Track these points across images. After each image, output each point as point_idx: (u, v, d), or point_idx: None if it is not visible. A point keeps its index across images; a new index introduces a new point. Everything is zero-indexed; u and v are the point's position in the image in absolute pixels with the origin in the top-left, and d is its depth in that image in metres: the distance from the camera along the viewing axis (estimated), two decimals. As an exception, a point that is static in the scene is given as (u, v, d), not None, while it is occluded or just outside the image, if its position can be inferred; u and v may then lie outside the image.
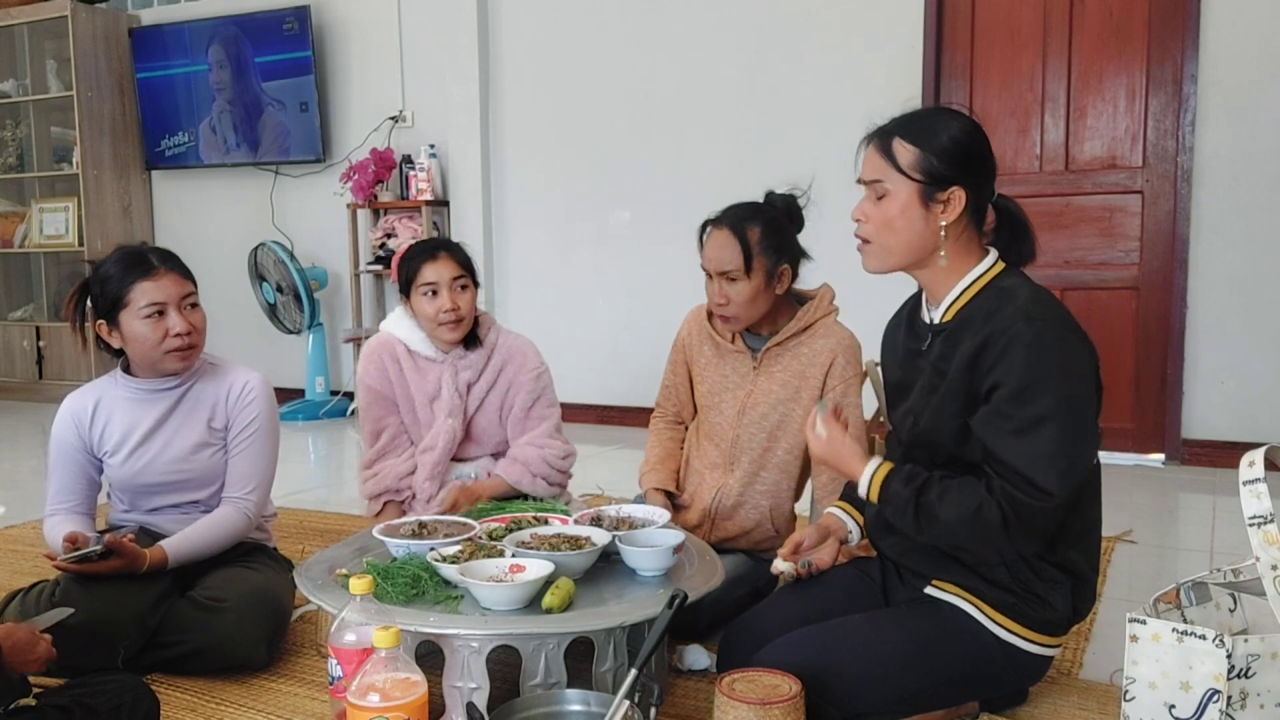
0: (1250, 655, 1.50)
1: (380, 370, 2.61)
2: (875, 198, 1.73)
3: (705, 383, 2.43)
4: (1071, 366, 1.61)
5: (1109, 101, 4.14)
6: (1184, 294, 4.03)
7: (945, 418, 1.70)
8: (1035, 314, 1.62)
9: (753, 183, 2.45)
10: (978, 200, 1.71)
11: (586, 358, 5.06)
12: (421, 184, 5.32)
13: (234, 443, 2.28)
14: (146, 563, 2.08)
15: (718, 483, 2.39)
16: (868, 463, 1.76)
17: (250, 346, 5.88)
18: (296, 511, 3.54)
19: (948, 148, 1.68)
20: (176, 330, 2.16)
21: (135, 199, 6.33)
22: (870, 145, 1.75)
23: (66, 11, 5.93)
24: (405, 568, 1.88)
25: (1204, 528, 3.26)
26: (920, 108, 1.78)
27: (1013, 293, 1.68)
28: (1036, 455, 1.57)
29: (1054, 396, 1.58)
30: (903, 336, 1.88)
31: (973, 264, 1.74)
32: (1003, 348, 1.61)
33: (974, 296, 1.72)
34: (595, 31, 5.03)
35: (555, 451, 2.61)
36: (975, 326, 1.67)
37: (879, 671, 1.71)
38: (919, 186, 1.69)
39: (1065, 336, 1.62)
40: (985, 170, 1.72)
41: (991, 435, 1.62)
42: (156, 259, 2.19)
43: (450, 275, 2.53)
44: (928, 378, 1.76)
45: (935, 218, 1.69)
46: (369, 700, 1.42)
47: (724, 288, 2.26)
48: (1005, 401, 1.60)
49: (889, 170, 1.70)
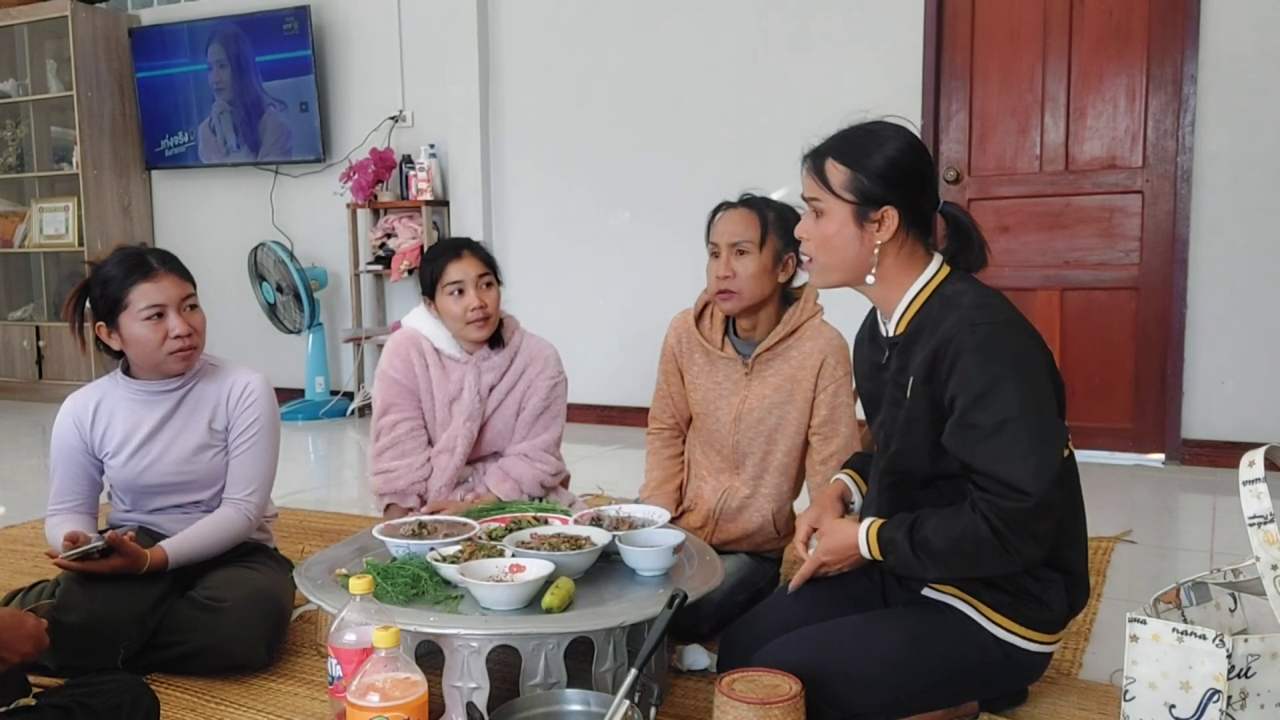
0: (1250, 655, 1.50)
1: (406, 364, 2.57)
2: (814, 216, 1.75)
3: (698, 390, 2.42)
4: (1023, 364, 1.61)
5: (1109, 101, 4.14)
6: (1184, 294, 4.03)
7: (916, 437, 1.71)
8: (978, 319, 1.62)
9: (753, 182, 2.45)
10: (915, 215, 1.72)
11: (587, 358, 5.05)
12: (421, 184, 5.32)
13: (235, 444, 2.28)
14: (147, 563, 2.08)
15: (723, 485, 2.39)
16: (858, 527, 1.77)
17: (250, 346, 5.88)
18: (296, 511, 3.54)
19: (880, 168, 1.68)
20: (176, 332, 2.16)
21: (135, 199, 6.33)
22: (806, 166, 1.76)
23: (66, 11, 5.93)
24: (405, 568, 1.88)
25: (1204, 528, 3.26)
26: (857, 124, 1.77)
27: (956, 299, 1.68)
28: (1006, 457, 1.57)
29: (1012, 396, 1.58)
30: (866, 349, 1.89)
31: (916, 274, 1.74)
32: (952, 358, 1.62)
33: (921, 306, 1.73)
34: (595, 31, 5.03)
35: (548, 468, 2.60)
36: (924, 337, 1.68)
37: (878, 671, 1.71)
38: (852, 207, 1.70)
39: (1012, 336, 1.63)
40: (921, 187, 1.72)
41: (961, 447, 1.63)
42: (156, 260, 2.19)
43: (476, 273, 2.51)
44: (890, 391, 1.77)
45: (870, 236, 1.70)
46: (369, 700, 1.42)
47: (731, 262, 2.26)
48: (966, 411, 1.61)
49: (823, 190, 1.72)
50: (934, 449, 1.69)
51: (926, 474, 1.74)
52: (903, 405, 1.72)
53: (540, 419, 2.61)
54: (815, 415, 2.32)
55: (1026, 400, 1.58)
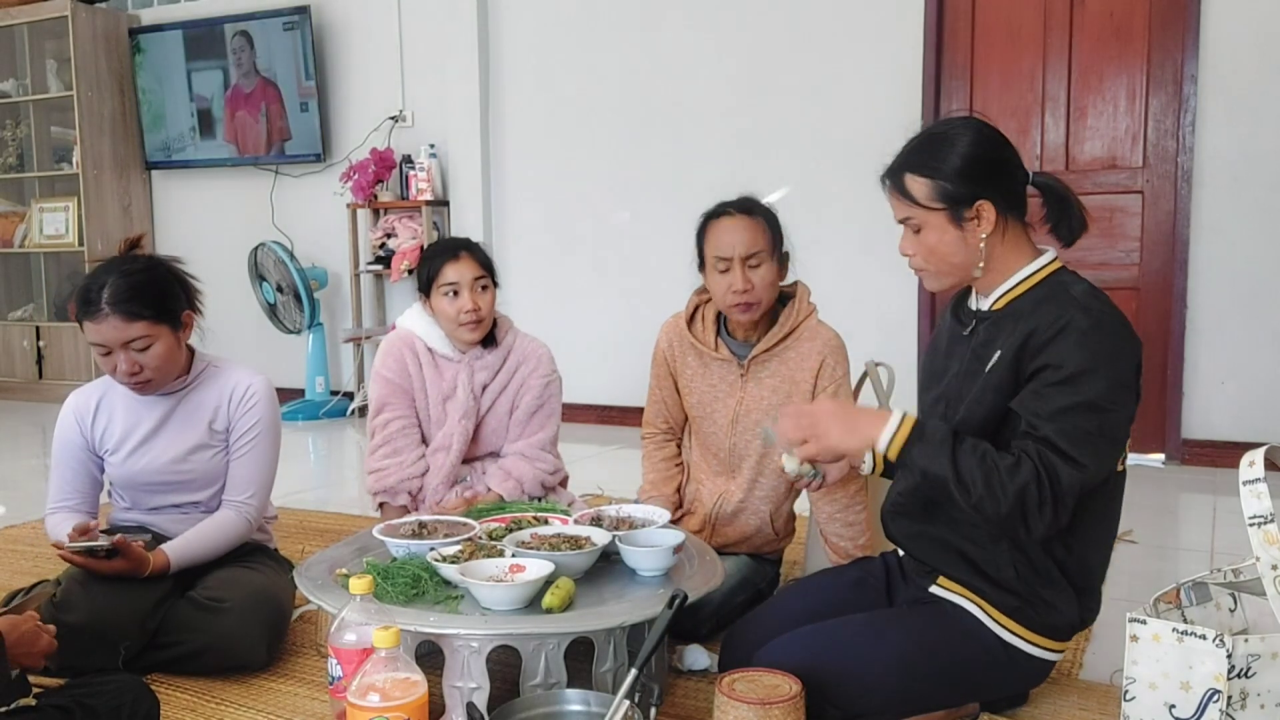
0: (1250, 655, 1.50)
1: (400, 364, 2.59)
2: (913, 232, 1.74)
3: (694, 393, 2.40)
4: (1119, 361, 1.61)
5: (1109, 101, 4.14)
6: (1184, 294, 4.03)
7: (984, 406, 1.68)
8: (1093, 305, 1.63)
9: (754, 182, 2.45)
10: (1010, 199, 1.70)
11: (586, 357, 5.05)
12: (421, 184, 5.32)
13: (235, 446, 2.27)
14: (149, 568, 2.08)
15: (719, 489, 2.39)
16: (886, 413, 1.66)
17: (250, 346, 5.87)
18: (296, 511, 3.54)
19: (959, 168, 1.67)
20: (121, 370, 2.12)
21: (135, 199, 6.33)
22: (887, 187, 1.76)
23: (66, 11, 5.92)
24: (405, 568, 1.88)
25: (1204, 528, 3.25)
26: (923, 130, 1.76)
27: (1069, 286, 1.68)
28: (1076, 432, 1.56)
29: (1102, 384, 1.57)
30: (949, 321, 1.88)
31: (1025, 260, 1.73)
32: (1055, 333, 1.60)
33: (1028, 290, 1.71)
34: (595, 31, 5.03)
35: (546, 466, 2.60)
36: (1024, 315, 1.67)
37: (879, 672, 1.71)
38: (945, 213, 1.69)
39: (1120, 331, 1.63)
40: (1006, 170, 1.71)
41: (1030, 412, 1.60)
42: (107, 297, 2.07)
43: (472, 275, 2.51)
44: (966, 363, 1.75)
45: (974, 234, 1.69)
46: (369, 700, 1.42)
47: (748, 274, 2.21)
48: (1051, 384, 1.59)
49: (912, 207, 1.71)
50: (999, 417, 1.67)
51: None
52: (978, 377, 1.70)
53: (535, 417, 2.62)
54: None
55: (1111, 394, 1.58)
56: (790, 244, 2.32)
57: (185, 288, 2.22)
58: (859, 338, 2.84)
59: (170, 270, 2.20)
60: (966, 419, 1.70)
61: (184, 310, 2.19)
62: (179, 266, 2.23)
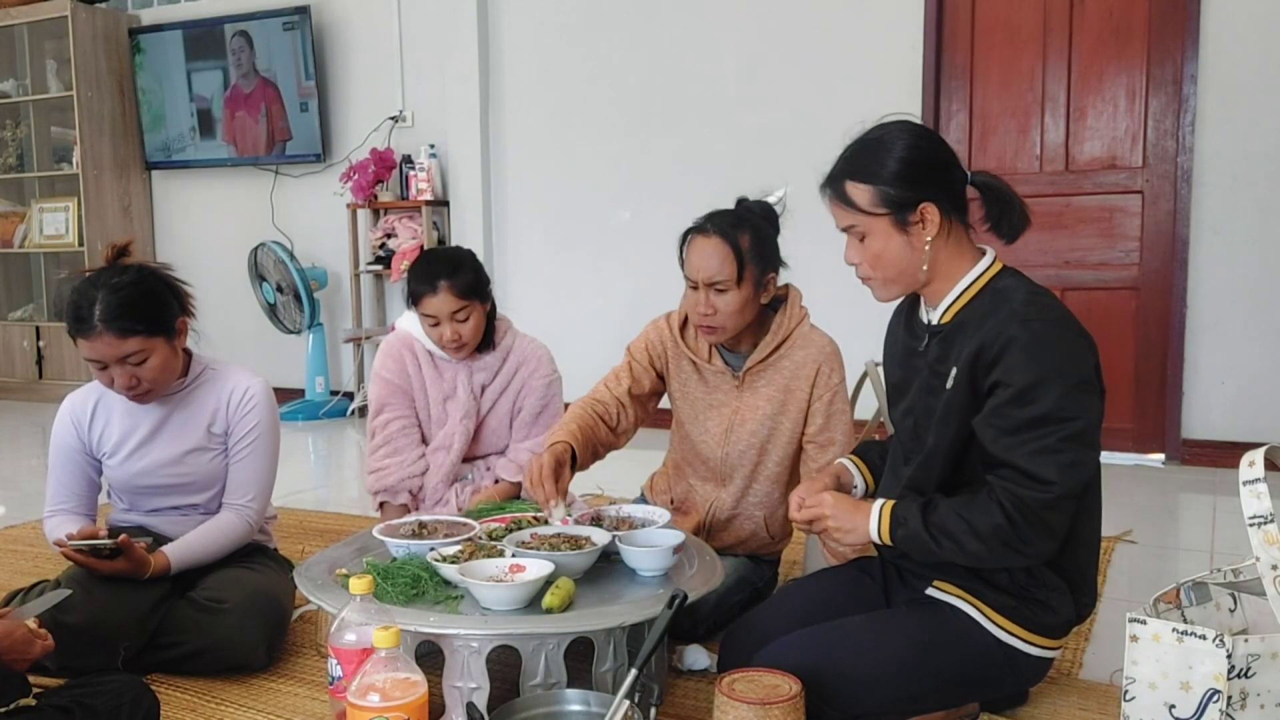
0: (1250, 655, 1.50)
1: (400, 365, 2.60)
2: (857, 240, 1.74)
3: (687, 401, 2.36)
4: (1070, 366, 1.60)
5: (1109, 101, 4.14)
6: (1184, 294, 4.03)
7: (951, 428, 1.69)
8: (1030, 315, 1.61)
9: (754, 182, 2.43)
10: (952, 200, 1.70)
11: (586, 357, 5.02)
12: (421, 184, 5.32)
13: (235, 449, 2.26)
14: (150, 570, 2.08)
15: (711, 496, 2.37)
16: (871, 507, 1.73)
17: (250, 346, 5.88)
18: (296, 511, 3.54)
19: (898, 171, 1.67)
20: (119, 384, 2.10)
21: (135, 199, 6.33)
22: (828, 196, 1.75)
23: (66, 11, 5.93)
24: (405, 568, 1.88)
25: (1204, 528, 3.26)
26: (858, 137, 1.75)
27: (1008, 294, 1.67)
28: (1036, 451, 1.57)
29: (1054, 396, 1.57)
30: (901, 334, 1.88)
31: (968, 266, 1.73)
32: (1000, 350, 1.60)
33: (971, 299, 1.71)
34: (595, 31, 5.03)
35: None
36: (971, 329, 1.67)
37: (879, 672, 1.71)
38: (889, 218, 1.69)
39: (1063, 335, 1.61)
40: (945, 171, 1.70)
41: (990, 436, 1.62)
42: (99, 315, 2.02)
43: (449, 310, 2.49)
44: (925, 378, 1.76)
45: (918, 238, 1.69)
46: (369, 700, 1.42)
47: (711, 299, 2.15)
48: (1004, 403, 1.60)
49: (855, 214, 1.71)
50: (966, 441, 1.68)
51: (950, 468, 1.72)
52: (941, 395, 1.70)
53: (540, 417, 2.64)
54: (810, 424, 2.27)
55: (1066, 403, 1.57)
56: (785, 255, 2.24)
57: (177, 294, 2.17)
58: (859, 337, 2.84)
59: (160, 278, 2.15)
60: (937, 444, 1.71)
61: (177, 318, 2.16)
62: (168, 273, 2.19)
